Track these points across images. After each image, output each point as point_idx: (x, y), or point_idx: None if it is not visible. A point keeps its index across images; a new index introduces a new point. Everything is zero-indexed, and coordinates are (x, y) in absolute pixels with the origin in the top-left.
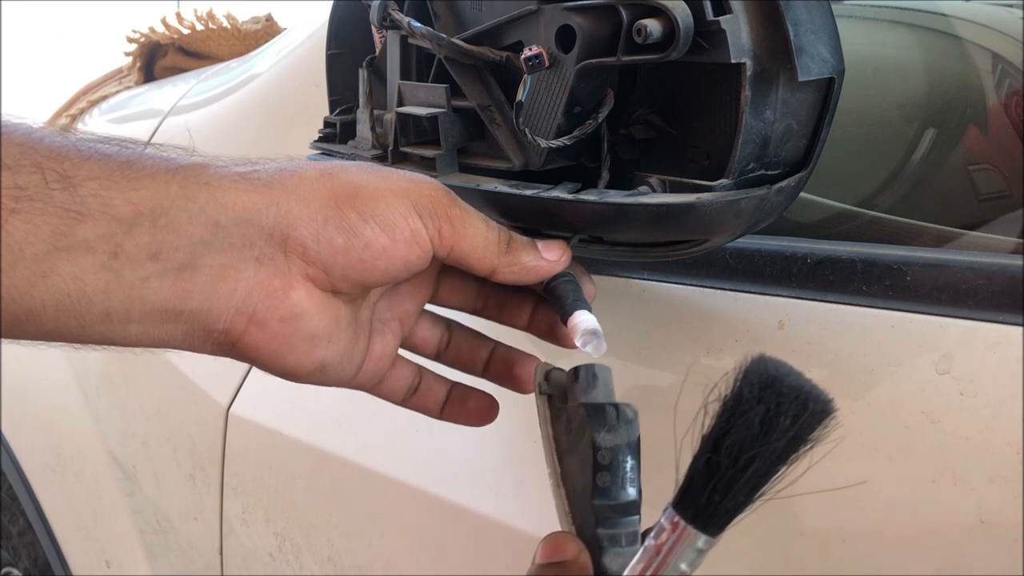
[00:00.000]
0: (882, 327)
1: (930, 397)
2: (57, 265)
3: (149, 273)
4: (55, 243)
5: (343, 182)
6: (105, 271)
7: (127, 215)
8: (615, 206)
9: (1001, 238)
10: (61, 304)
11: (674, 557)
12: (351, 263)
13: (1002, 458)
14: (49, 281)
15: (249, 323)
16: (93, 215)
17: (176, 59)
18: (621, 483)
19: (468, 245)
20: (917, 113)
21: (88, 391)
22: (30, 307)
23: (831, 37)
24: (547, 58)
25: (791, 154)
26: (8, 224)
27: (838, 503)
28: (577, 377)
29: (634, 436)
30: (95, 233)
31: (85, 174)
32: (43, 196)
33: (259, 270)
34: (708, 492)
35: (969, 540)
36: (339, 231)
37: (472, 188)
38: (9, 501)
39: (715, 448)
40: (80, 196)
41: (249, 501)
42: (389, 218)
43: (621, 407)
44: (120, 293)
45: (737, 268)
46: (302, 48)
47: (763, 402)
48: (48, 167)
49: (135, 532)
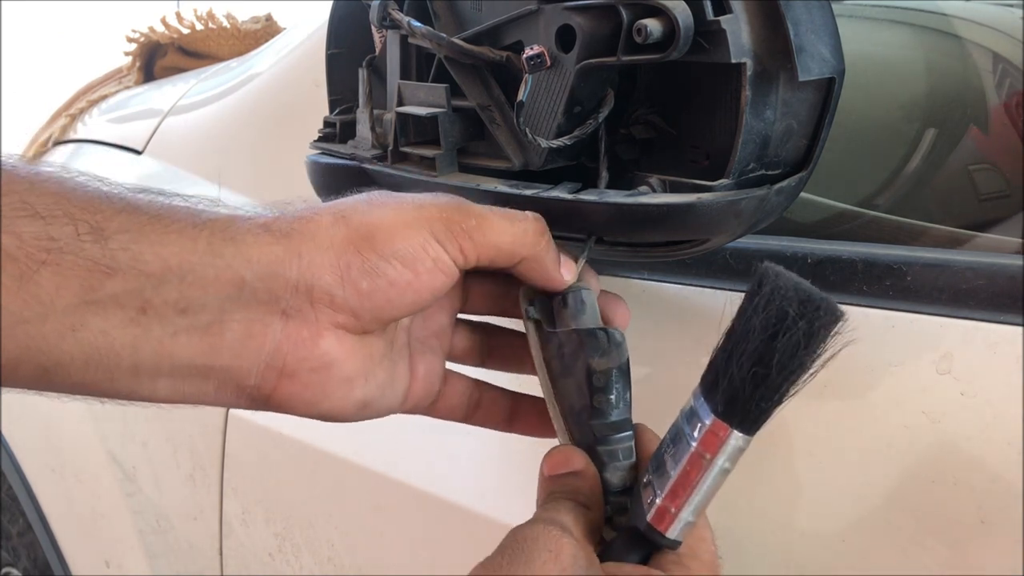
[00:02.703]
0: (882, 327)
1: (930, 397)
2: (86, 319)
3: (178, 329)
4: (85, 296)
5: (357, 224)
6: (133, 326)
7: (156, 271)
8: (615, 206)
9: (1001, 238)
10: (90, 357)
11: (719, 456)
12: (378, 304)
13: (1002, 458)
14: (78, 334)
15: (280, 376)
16: (123, 270)
17: (176, 59)
18: (615, 403)
19: (493, 249)
20: (917, 113)
21: None
22: (59, 360)
23: (831, 37)
24: (548, 58)
25: (791, 154)
26: (39, 275)
27: (838, 503)
28: (566, 303)
29: (624, 358)
30: (124, 288)
31: (116, 227)
32: (74, 248)
33: (287, 323)
34: (751, 400)
35: (969, 540)
36: (363, 275)
37: (472, 188)
38: (9, 501)
39: (760, 360)
40: (110, 250)
41: (249, 501)
42: (409, 252)
43: (610, 331)
44: (148, 348)
45: (737, 268)
46: (302, 48)
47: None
48: (80, 218)
49: (135, 532)
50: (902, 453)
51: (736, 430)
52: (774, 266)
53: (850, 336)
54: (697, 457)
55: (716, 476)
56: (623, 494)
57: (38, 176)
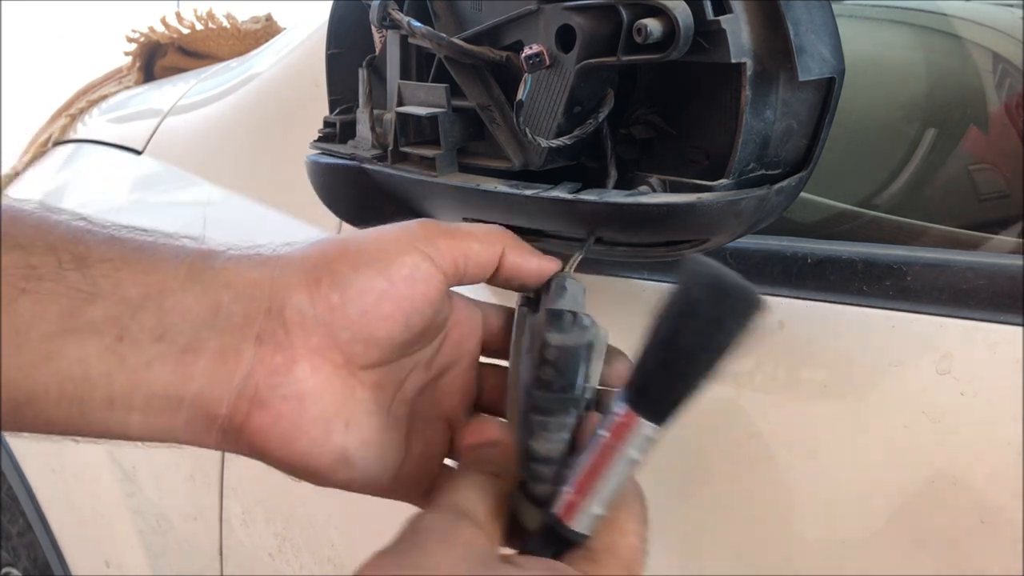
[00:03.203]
0: (882, 327)
1: (930, 397)
2: (63, 348)
3: (152, 357)
4: (63, 324)
5: (333, 242)
6: (109, 353)
7: (136, 297)
8: (615, 206)
9: (1001, 238)
10: (64, 388)
11: (626, 445)
12: (352, 318)
13: (1002, 458)
14: (53, 363)
15: (252, 405)
16: (104, 295)
17: (176, 59)
18: (566, 379)
19: (476, 244)
20: (917, 113)
21: None
22: (31, 391)
23: (831, 37)
24: (547, 57)
25: (791, 154)
26: (17, 304)
27: (838, 503)
28: (548, 289)
29: (584, 340)
30: (104, 314)
31: (98, 255)
32: (55, 276)
33: (260, 348)
34: (661, 389)
35: (969, 540)
36: (333, 288)
37: (472, 188)
38: (9, 501)
39: (668, 349)
40: (92, 276)
41: (249, 501)
42: (382, 260)
43: (579, 314)
44: (123, 377)
45: (737, 268)
46: (302, 48)
47: (711, 304)
48: (62, 248)
49: (135, 532)
50: (902, 453)
51: (645, 419)
52: (698, 257)
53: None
54: (606, 448)
55: (623, 467)
56: (547, 464)
57: (19, 211)
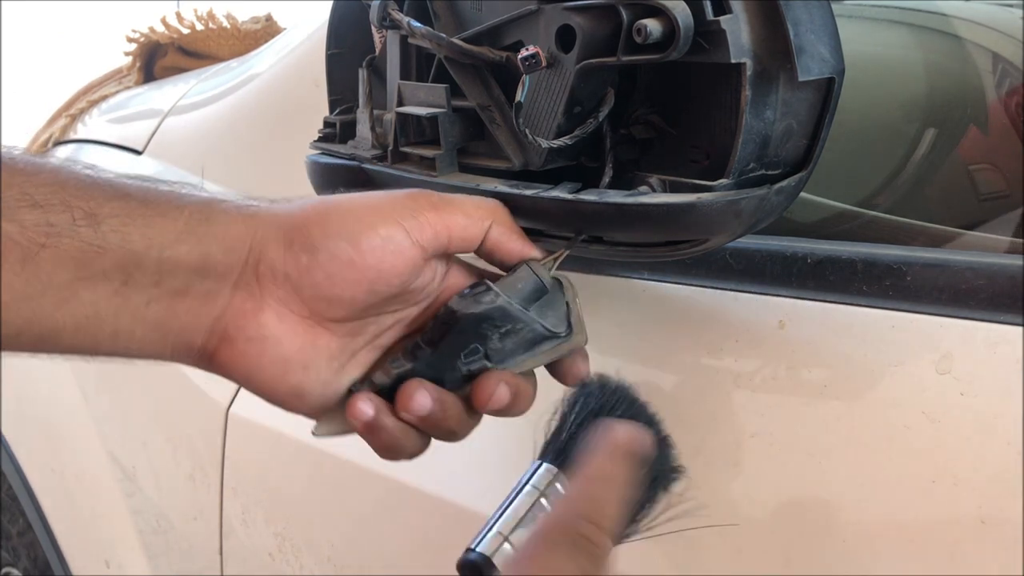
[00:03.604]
0: (882, 327)
1: (930, 397)
2: (78, 292)
3: (151, 298)
4: (78, 273)
5: (316, 204)
6: (117, 296)
7: (140, 248)
8: (615, 206)
9: (1001, 238)
10: (79, 325)
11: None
12: (318, 280)
13: (1002, 458)
14: (71, 305)
15: (220, 341)
16: (113, 249)
17: (176, 59)
18: (432, 332)
19: (461, 217)
20: (917, 113)
21: (88, 391)
22: (53, 327)
23: (831, 37)
24: (545, 58)
25: (791, 154)
26: (39, 257)
27: (838, 503)
28: (512, 270)
29: (474, 311)
30: (112, 264)
31: (107, 212)
32: (71, 233)
33: (235, 294)
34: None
35: (969, 540)
36: (303, 249)
37: (472, 188)
38: (9, 501)
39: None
40: (102, 232)
41: (249, 501)
42: (357, 230)
43: (490, 287)
44: (127, 315)
45: (737, 268)
46: (302, 48)
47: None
48: (76, 205)
49: (135, 532)
50: (902, 453)
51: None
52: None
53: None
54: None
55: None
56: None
57: (35, 168)
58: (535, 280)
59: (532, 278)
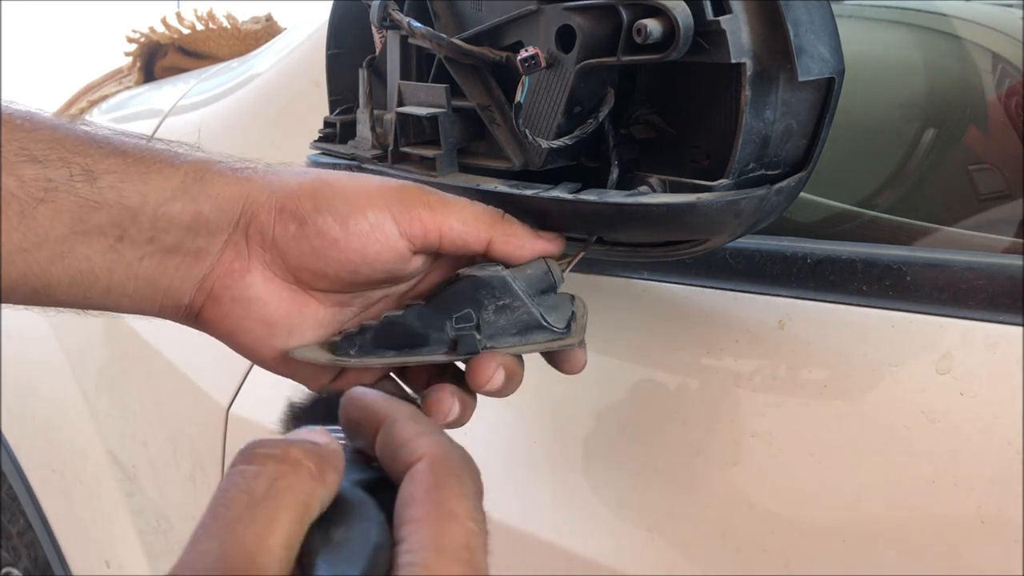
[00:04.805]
0: (882, 327)
1: (930, 397)
2: (74, 247)
3: (144, 254)
4: (74, 228)
5: (313, 177)
6: (111, 252)
7: (135, 205)
8: (615, 206)
9: (1001, 238)
10: (74, 279)
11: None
12: (304, 251)
13: (1002, 458)
14: (66, 260)
15: (207, 299)
16: (109, 205)
17: (176, 59)
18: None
19: (457, 223)
20: (917, 113)
21: (88, 391)
22: (47, 282)
23: (831, 37)
24: (544, 58)
25: (791, 154)
26: (36, 211)
27: (838, 503)
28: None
29: (474, 272)
30: (108, 219)
31: (104, 168)
32: (68, 188)
33: (224, 253)
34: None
35: (969, 540)
36: (293, 218)
37: (472, 188)
38: (9, 501)
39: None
40: (99, 188)
41: None
42: (346, 211)
43: (501, 265)
44: (121, 270)
45: (737, 268)
46: (302, 48)
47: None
48: (73, 161)
49: (135, 532)
50: (902, 453)
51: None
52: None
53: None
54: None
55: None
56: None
57: (34, 123)
58: (546, 274)
59: (543, 270)
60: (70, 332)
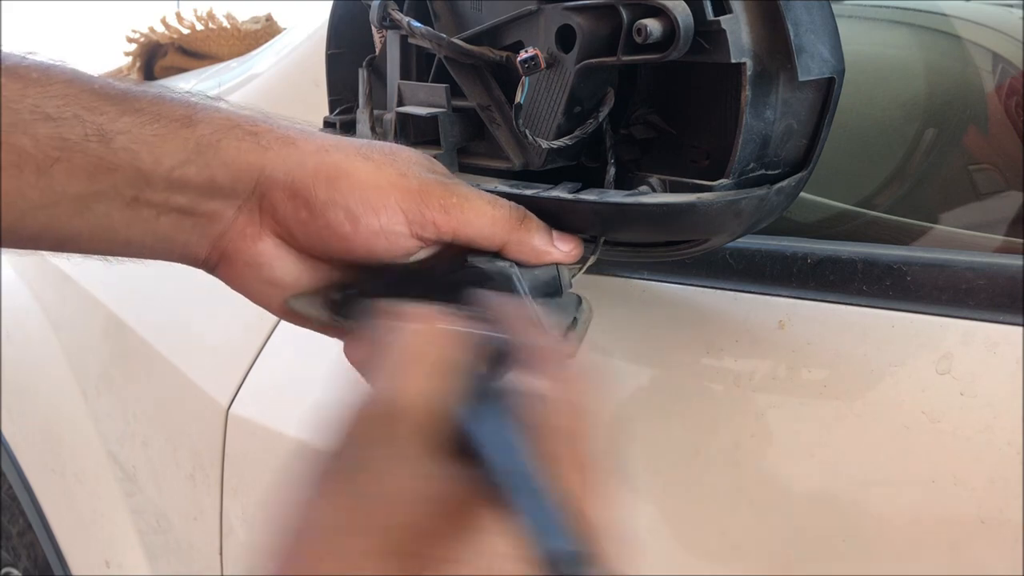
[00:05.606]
0: (882, 327)
1: (930, 397)
2: (91, 204)
3: (160, 211)
4: (91, 187)
5: (332, 162)
6: (128, 209)
7: (149, 166)
8: (615, 206)
9: (1001, 238)
10: (94, 233)
11: None
12: (311, 236)
13: (1002, 458)
14: (85, 215)
15: (221, 258)
16: (123, 167)
17: (176, 59)
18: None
19: (472, 228)
20: (917, 113)
21: (88, 391)
22: (69, 235)
23: (831, 37)
24: (543, 59)
25: (791, 154)
26: (53, 170)
27: (838, 503)
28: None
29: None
30: (123, 180)
31: (118, 128)
32: (82, 148)
33: (239, 217)
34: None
35: (969, 540)
36: (304, 205)
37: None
38: (9, 501)
39: None
40: (113, 149)
41: (249, 501)
42: (358, 210)
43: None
44: (139, 226)
45: (737, 268)
46: (302, 48)
47: None
48: (88, 119)
49: (135, 532)
50: (902, 453)
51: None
52: None
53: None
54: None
55: None
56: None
57: (48, 77)
58: (554, 277)
59: (552, 272)
60: (70, 332)
